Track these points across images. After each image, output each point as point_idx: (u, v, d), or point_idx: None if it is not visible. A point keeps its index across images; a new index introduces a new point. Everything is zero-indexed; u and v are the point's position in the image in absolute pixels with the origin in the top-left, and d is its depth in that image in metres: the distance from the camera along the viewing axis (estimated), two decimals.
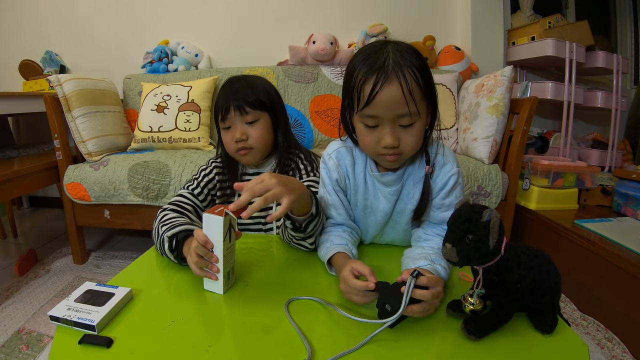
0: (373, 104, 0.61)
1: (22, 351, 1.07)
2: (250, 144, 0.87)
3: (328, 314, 0.56)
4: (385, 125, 0.63)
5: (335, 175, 0.74)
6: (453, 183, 0.70)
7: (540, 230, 1.53)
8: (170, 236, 0.70)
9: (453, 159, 0.71)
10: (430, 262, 0.63)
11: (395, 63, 0.59)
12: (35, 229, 2.14)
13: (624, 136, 2.25)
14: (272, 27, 2.11)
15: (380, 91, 0.59)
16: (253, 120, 0.86)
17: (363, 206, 0.76)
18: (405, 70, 0.59)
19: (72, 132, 1.55)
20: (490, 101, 1.49)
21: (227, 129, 0.87)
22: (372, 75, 0.60)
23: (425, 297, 0.51)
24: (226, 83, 0.89)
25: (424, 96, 0.62)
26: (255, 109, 0.86)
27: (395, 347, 0.50)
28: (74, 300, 0.56)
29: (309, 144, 1.88)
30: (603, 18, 2.47)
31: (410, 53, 0.62)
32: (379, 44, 0.64)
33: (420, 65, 0.61)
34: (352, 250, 0.70)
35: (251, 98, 0.85)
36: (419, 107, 0.61)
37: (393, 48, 0.62)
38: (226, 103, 0.85)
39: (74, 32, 2.21)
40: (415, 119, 0.62)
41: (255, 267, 0.73)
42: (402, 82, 0.58)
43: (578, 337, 0.52)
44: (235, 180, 0.89)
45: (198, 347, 0.49)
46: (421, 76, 0.60)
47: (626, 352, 1.07)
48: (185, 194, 0.87)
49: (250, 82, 0.89)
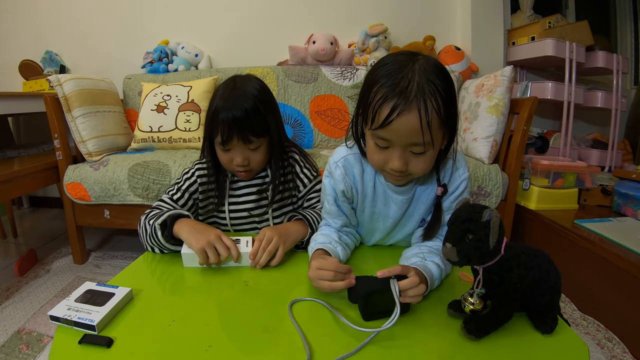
0: (387, 129, 0.58)
1: (22, 351, 1.07)
2: (251, 167, 0.86)
3: (329, 315, 0.56)
4: (396, 149, 0.60)
5: (341, 187, 0.71)
6: (463, 188, 0.69)
7: (540, 230, 1.53)
8: (160, 223, 0.74)
9: (464, 163, 0.71)
10: (422, 259, 0.63)
11: (420, 89, 0.55)
12: (35, 229, 2.14)
13: (624, 136, 2.25)
14: (272, 27, 2.11)
15: (397, 118, 0.56)
16: (255, 147, 0.84)
17: (370, 213, 0.75)
18: (429, 98, 0.55)
19: (72, 132, 1.55)
20: (490, 101, 1.49)
21: (226, 151, 0.84)
22: (392, 98, 0.56)
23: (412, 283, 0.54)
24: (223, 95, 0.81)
25: (443, 124, 0.59)
26: (259, 137, 0.83)
27: (395, 347, 0.50)
28: (74, 300, 0.56)
29: (309, 144, 1.88)
30: (603, 18, 2.46)
31: (438, 76, 0.57)
32: (407, 58, 0.59)
33: (446, 91, 0.57)
34: (335, 248, 0.70)
35: (256, 126, 0.81)
36: (435, 137, 0.58)
37: (420, 68, 0.57)
38: (229, 130, 0.79)
39: (74, 32, 2.20)
40: (428, 148, 0.59)
41: (256, 268, 0.73)
42: (422, 113, 0.55)
43: (578, 337, 0.52)
44: (222, 188, 0.90)
45: (198, 347, 0.49)
46: (444, 104, 0.57)
47: (626, 352, 1.07)
48: (165, 199, 0.88)
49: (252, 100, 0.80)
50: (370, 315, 0.55)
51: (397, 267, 0.56)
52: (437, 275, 0.62)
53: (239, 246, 0.72)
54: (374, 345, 0.50)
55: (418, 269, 0.59)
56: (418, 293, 0.54)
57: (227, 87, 0.83)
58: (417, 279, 0.54)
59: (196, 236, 0.70)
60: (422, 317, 0.56)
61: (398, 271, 0.55)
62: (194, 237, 0.70)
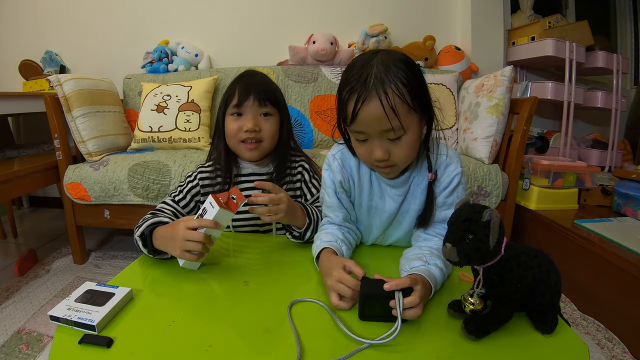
0: (357, 121, 0.61)
1: (22, 351, 1.07)
2: (261, 137, 0.87)
3: (329, 316, 0.56)
4: (374, 139, 0.63)
5: (339, 177, 0.74)
6: (457, 183, 0.70)
7: (540, 230, 1.53)
8: (139, 235, 0.73)
9: (457, 159, 0.72)
10: (425, 263, 0.63)
11: (377, 79, 0.59)
12: (35, 229, 2.14)
13: (624, 136, 2.25)
14: (272, 27, 2.11)
15: (361, 109, 0.60)
16: (268, 113, 0.87)
17: (368, 207, 0.76)
18: (388, 86, 0.58)
19: (72, 132, 1.55)
20: (490, 101, 1.49)
21: (238, 116, 0.86)
22: (354, 92, 0.60)
23: (414, 302, 0.52)
24: (243, 75, 0.91)
25: (412, 109, 0.61)
26: (272, 105, 0.88)
27: (395, 347, 0.50)
28: (74, 300, 0.56)
29: (309, 144, 1.88)
30: (603, 18, 2.47)
31: (398, 65, 0.60)
32: (368, 56, 0.63)
33: (407, 77, 0.59)
34: (341, 247, 0.70)
35: (270, 93, 0.87)
36: (405, 122, 0.60)
37: (379, 61, 0.60)
38: (246, 90, 0.85)
39: (74, 32, 2.20)
40: (400, 134, 0.62)
41: (255, 268, 0.73)
42: (383, 99, 0.58)
43: (578, 337, 0.52)
44: (228, 181, 0.90)
45: (198, 347, 0.49)
46: (407, 90, 0.59)
47: (626, 352, 1.07)
48: (168, 201, 0.88)
49: (267, 79, 0.92)
50: (366, 316, 0.55)
51: (405, 280, 0.54)
52: (440, 280, 0.62)
53: (207, 216, 0.67)
54: (374, 345, 0.50)
55: (424, 277, 0.59)
56: (415, 315, 0.53)
57: (244, 72, 0.92)
58: (418, 299, 0.53)
59: (169, 245, 0.68)
60: (422, 317, 0.56)
61: (406, 284, 0.53)
62: (169, 247, 0.68)
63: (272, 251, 0.81)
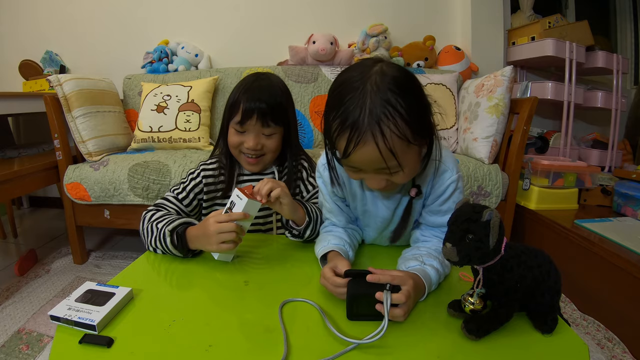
0: (350, 160, 0.56)
1: (22, 351, 1.07)
2: (262, 152, 0.87)
3: (320, 316, 0.56)
4: (369, 173, 0.59)
5: (331, 186, 0.73)
6: (452, 191, 0.67)
7: (540, 230, 1.53)
8: (171, 230, 0.73)
9: (453, 164, 0.67)
10: (421, 263, 0.63)
11: (373, 115, 0.51)
12: (35, 229, 2.14)
13: (624, 136, 2.25)
14: (272, 27, 2.11)
15: (354, 151, 0.53)
16: (271, 134, 0.85)
17: (362, 211, 0.76)
18: (385, 124, 0.51)
19: (72, 132, 1.55)
20: (490, 101, 1.49)
21: (240, 133, 0.85)
22: (345, 131, 0.53)
23: (400, 300, 0.52)
24: (249, 81, 0.85)
25: (411, 143, 0.54)
26: (276, 124, 0.84)
27: (395, 347, 0.50)
28: (75, 300, 0.56)
29: (309, 144, 1.88)
30: (603, 18, 2.47)
31: (395, 92, 0.51)
32: (359, 75, 0.54)
33: (406, 108, 0.52)
34: (348, 251, 0.70)
35: (275, 110, 0.83)
36: (403, 158, 0.54)
37: (373, 89, 0.52)
38: (249, 107, 0.81)
39: (74, 32, 2.20)
40: (397, 170, 0.56)
41: (256, 267, 0.73)
42: (379, 141, 0.51)
43: (578, 337, 0.52)
44: (230, 182, 0.90)
45: (198, 347, 0.49)
46: (407, 125, 0.52)
47: (626, 352, 1.07)
48: (169, 198, 0.87)
49: (274, 88, 0.85)
50: (354, 316, 0.55)
51: (388, 276, 0.54)
52: (435, 281, 0.62)
53: (236, 208, 0.70)
54: (374, 345, 0.50)
55: (419, 276, 0.59)
56: (399, 316, 0.53)
57: (252, 76, 0.87)
58: (404, 298, 0.52)
59: (204, 242, 0.70)
60: (422, 317, 0.56)
61: (387, 280, 0.53)
62: (205, 244, 0.71)
63: (272, 251, 0.81)
